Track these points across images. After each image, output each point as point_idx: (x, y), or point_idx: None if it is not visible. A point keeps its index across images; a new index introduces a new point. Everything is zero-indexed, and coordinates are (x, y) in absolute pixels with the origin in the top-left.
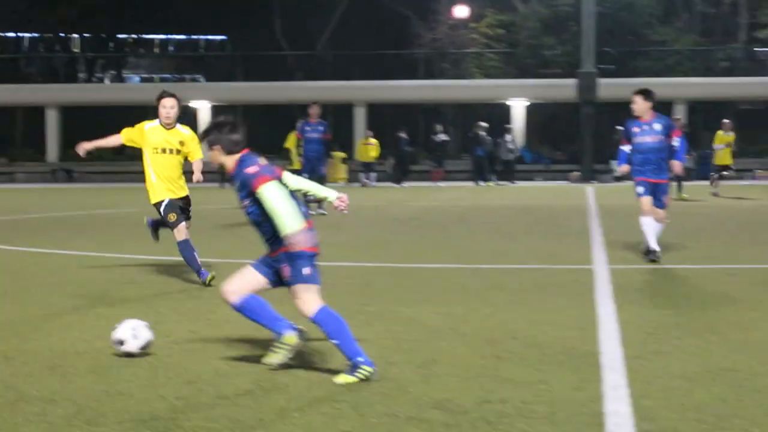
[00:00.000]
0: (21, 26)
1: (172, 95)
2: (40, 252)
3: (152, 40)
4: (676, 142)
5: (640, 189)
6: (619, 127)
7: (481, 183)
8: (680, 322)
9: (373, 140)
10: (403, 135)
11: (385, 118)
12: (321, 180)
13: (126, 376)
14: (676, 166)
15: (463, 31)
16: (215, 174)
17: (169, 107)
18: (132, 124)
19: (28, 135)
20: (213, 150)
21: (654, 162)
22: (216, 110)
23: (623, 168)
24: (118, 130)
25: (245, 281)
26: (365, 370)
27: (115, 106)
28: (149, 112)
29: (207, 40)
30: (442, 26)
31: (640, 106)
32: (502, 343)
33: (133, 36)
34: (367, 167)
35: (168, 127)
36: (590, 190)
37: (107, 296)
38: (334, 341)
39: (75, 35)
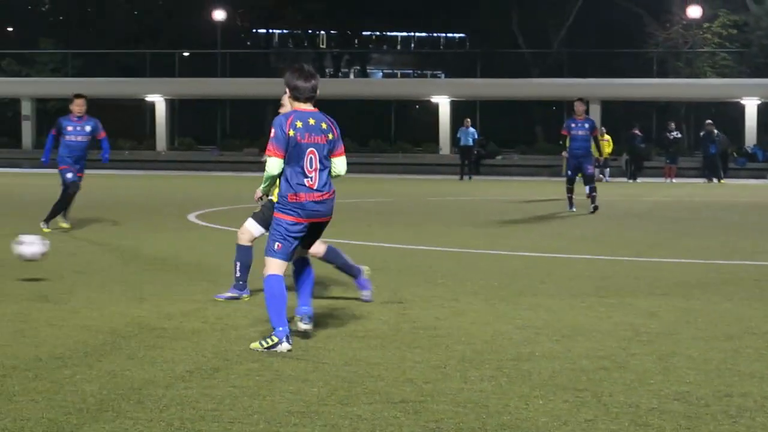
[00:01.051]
0: (271, 23)
1: None
2: None
3: (395, 36)
4: None
5: None
6: None
7: (714, 180)
8: None
9: (607, 136)
10: (637, 132)
11: (618, 115)
12: (589, 180)
13: (375, 359)
14: None
15: (696, 30)
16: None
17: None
18: (373, 117)
19: None
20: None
21: None
22: (455, 105)
23: None
24: (360, 122)
25: None
26: (273, 339)
27: (359, 99)
28: (391, 105)
29: (447, 37)
30: (675, 26)
31: None
32: (740, 338)
33: (376, 33)
34: (602, 163)
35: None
36: None
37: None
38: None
39: (322, 31)
